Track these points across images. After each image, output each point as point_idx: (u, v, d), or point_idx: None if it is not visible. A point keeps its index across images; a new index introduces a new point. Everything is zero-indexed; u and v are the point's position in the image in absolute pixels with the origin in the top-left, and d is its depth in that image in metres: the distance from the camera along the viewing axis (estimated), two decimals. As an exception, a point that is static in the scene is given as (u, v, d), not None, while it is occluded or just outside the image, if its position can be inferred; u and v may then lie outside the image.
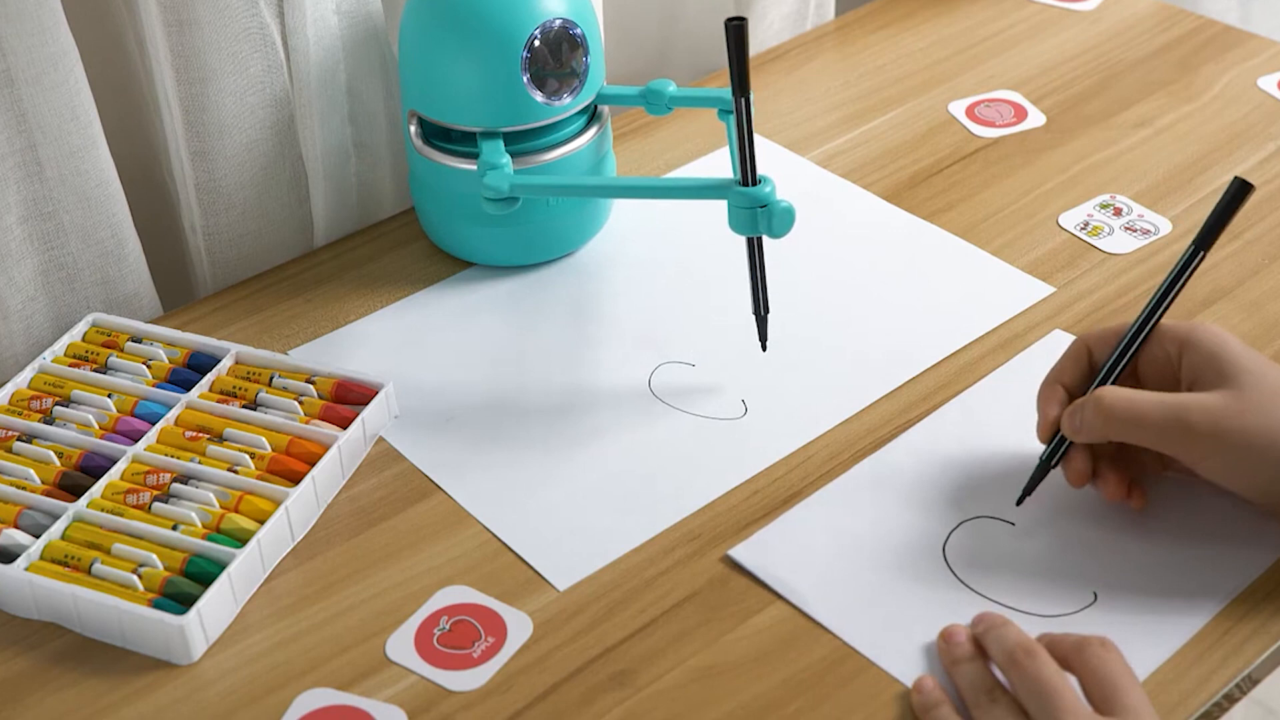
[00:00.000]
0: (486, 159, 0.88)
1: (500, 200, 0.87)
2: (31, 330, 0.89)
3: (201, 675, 0.70)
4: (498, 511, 0.79)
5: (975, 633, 0.69)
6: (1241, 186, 0.72)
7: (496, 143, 0.89)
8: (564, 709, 0.68)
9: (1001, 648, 0.67)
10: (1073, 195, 1.01)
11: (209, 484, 0.78)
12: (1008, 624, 0.68)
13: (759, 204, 0.81)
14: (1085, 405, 0.73)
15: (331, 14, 0.92)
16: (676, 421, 0.84)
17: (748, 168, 0.81)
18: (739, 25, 0.75)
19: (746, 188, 0.81)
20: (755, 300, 0.84)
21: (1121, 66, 1.15)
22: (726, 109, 0.93)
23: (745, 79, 0.77)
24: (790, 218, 0.81)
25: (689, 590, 0.74)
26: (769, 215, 0.81)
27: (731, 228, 0.83)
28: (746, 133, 0.80)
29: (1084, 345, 0.76)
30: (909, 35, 1.20)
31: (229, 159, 0.93)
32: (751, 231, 0.82)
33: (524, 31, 0.87)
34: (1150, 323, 0.74)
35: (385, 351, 0.90)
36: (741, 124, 0.79)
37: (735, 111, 0.79)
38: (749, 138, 0.80)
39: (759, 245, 0.83)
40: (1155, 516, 0.76)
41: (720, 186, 0.83)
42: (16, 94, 0.82)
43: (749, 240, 0.83)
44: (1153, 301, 0.74)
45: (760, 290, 0.84)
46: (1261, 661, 0.69)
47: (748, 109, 0.79)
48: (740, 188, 0.82)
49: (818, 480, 0.79)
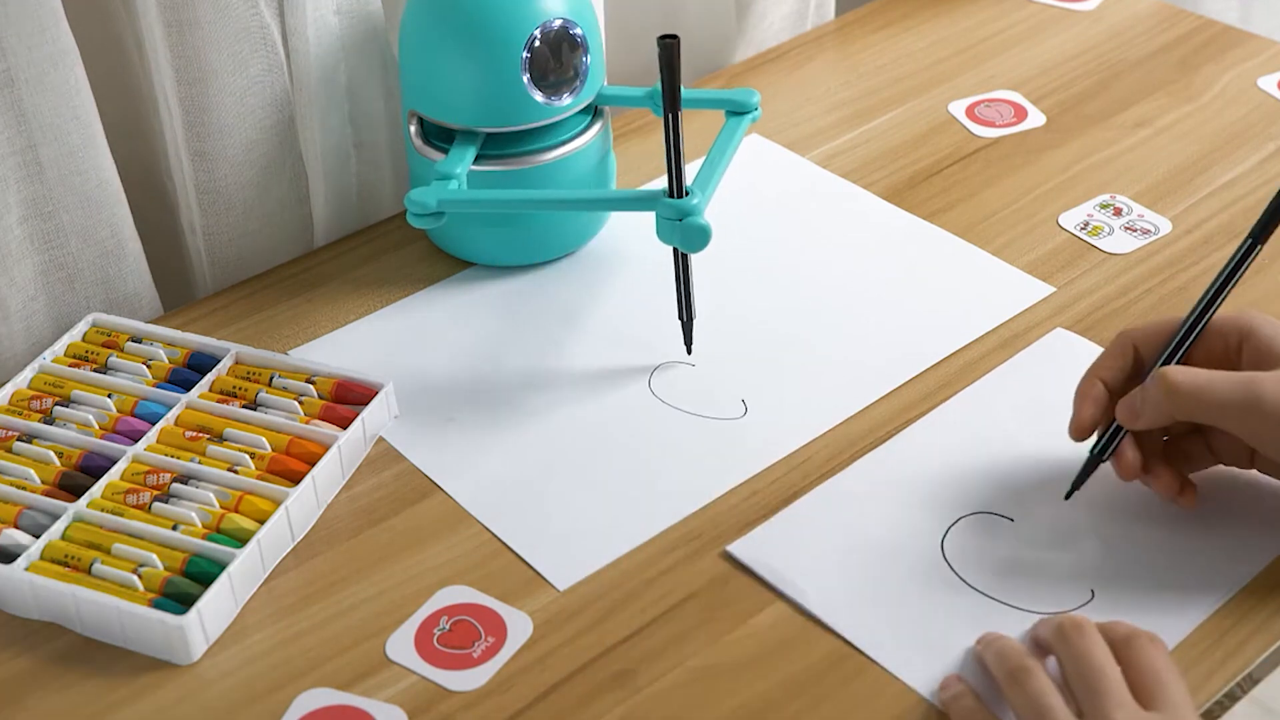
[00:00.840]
0: (443, 167, 0.88)
1: (427, 215, 0.87)
2: (31, 330, 0.89)
3: (201, 675, 0.70)
4: (498, 511, 0.79)
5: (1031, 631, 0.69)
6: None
7: (468, 150, 0.89)
8: (564, 709, 0.68)
9: (1053, 622, 0.67)
10: (1073, 195, 1.01)
11: (209, 484, 0.77)
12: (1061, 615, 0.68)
13: (677, 216, 0.83)
14: (1148, 385, 0.71)
15: (331, 14, 0.92)
16: (676, 421, 0.84)
17: (675, 179, 0.83)
18: (670, 44, 0.78)
19: (672, 199, 0.83)
20: (680, 306, 0.86)
21: (1121, 66, 1.15)
22: (734, 110, 0.93)
23: (675, 96, 0.80)
24: (703, 236, 0.83)
25: (689, 590, 0.74)
26: (683, 229, 0.83)
27: (658, 236, 0.84)
28: (675, 146, 0.82)
29: (1129, 341, 0.74)
30: (909, 35, 1.20)
31: (229, 159, 0.93)
32: (670, 242, 0.84)
33: (524, 31, 0.87)
34: (1209, 313, 0.73)
35: (385, 351, 0.90)
36: (669, 138, 0.82)
37: (664, 126, 0.81)
38: (678, 151, 0.82)
39: (684, 255, 0.85)
40: (1154, 514, 0.76)
41: (649, 198, 0.85)
42: (16, 94, 0.82)
43: (674, 249, 0.85)
44: (1210, 292, 0.73)
45: (685, 296, 0.86)
46: (1261, 661, 0.69)
47: (676, 124, 0.81)
48: (667, 199, 0.83)
49: (818, 480, 0.80)
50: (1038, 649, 0.68)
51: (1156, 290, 0.92)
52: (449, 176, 0.88)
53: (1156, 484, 0.74)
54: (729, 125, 0.92)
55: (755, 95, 0.94)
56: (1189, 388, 0.70)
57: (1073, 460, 0.78)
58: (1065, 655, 0.65)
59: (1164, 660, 0.64)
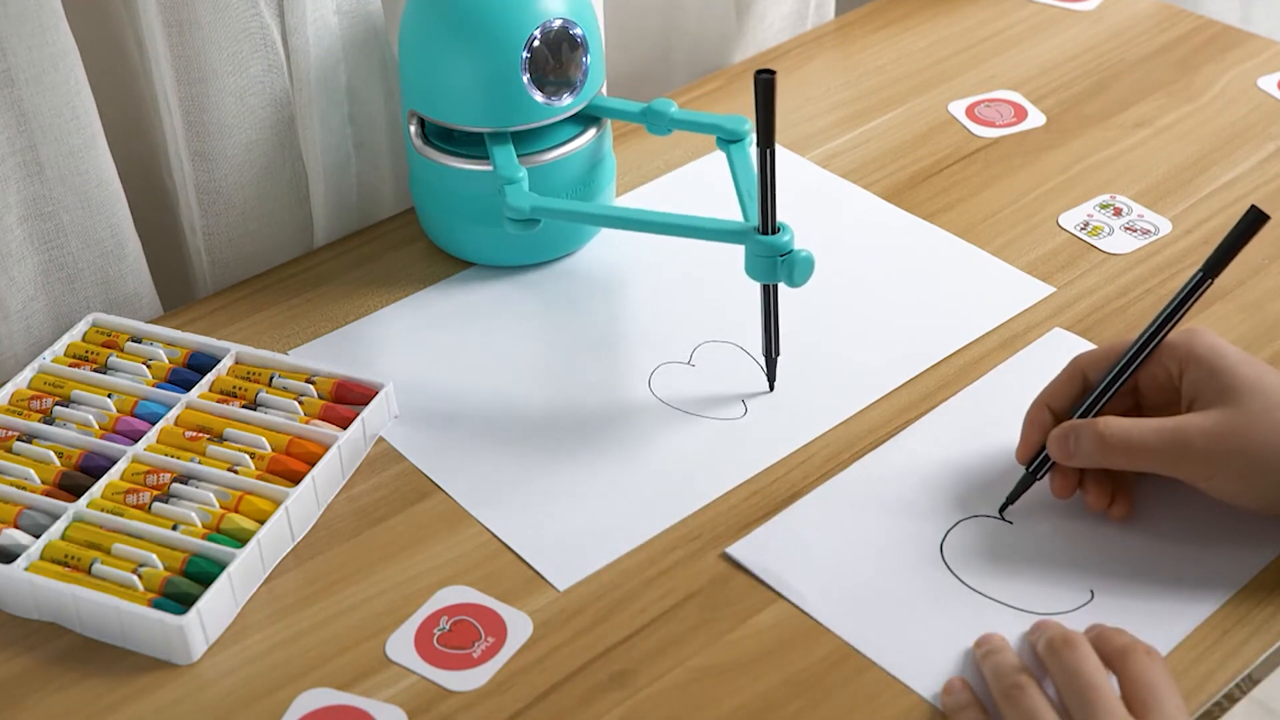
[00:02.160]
0: (502, 172, 0.87)
1: (522, 221, 0.87)
2: (31, 330, 0.89)
3: (201, 675, 0.70)
4: (498, 511, 0.79)
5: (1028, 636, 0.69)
6: (1256, 217, 0.71)
7: (508, 151, 0.89)
8: (564, 709, 0.68)
9: (1044, 637, 0.67)
10: (1073, 195, 1.01)
11: (209, 484, 0.78)
12: (1054, 624, 0.68)
13: (779, 253, 0.81)
14: (1080, 434, 0.73)
15: (331, 14, 0.92)
16: (676, 421, 0.84)
17: (768, 216, 0.81)
18: (768, 80, 0.76)
19: (766, 236, 0.81)
20: (767, 343, 0.84)
21: (1121, 66, 1.15)
22: (726, 137, 0.92)
23: (771, 132, 0.78)
24: (810, 267, 0.81)
25: (689, 590, 0.74)
26: (790, 264, 0.81)
27: (749, 274, 0.83)
28: (770, 182, 0.80)
29: (1079, 369, 0.76)
30: (909, 35, 1.20)
31: (229, 159, 0.93)
32: (770, 279, 0.82)
33: (524, 32, 0.87)
34: (1150, 346, 0.74)
35: (385, 351, 0.90)
36: (765, 174, 0.79)
37: (760, 162, 0.79)
38: (772, 187, 0.80)
39: (774, 291, 0.83)
40: (1153, 514, 0.76)
41: (739, 231, 0.83)
42: (16, 94, 0.82)
43: (764, 286, 0.83)
44: (1154, 325, 0.74)
45: (773, 334, 0.84)
46: (1261, 661, 0.69)
47: (772, 160, 0.79)
48: (760, 235, 0.81)
49: (818, 480, 0.80)
50: (1035, 660, 0.68)
51: (1156, 290, 0.92)
52: (512, 180, 0.87)
53: (1087, 498, 0.76)
54: (738, 154, 0.91)
55: (746, 122, 0.93)
56: (1118, 441, 0.72)
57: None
58: (1057, 670, 0.65)
59: (1159, 673, 0.64)
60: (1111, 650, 0.66)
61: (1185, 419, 0.71)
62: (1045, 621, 0.69)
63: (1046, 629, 0.68)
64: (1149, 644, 0.66)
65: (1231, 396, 0.70)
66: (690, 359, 0.88)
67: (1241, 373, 0.71)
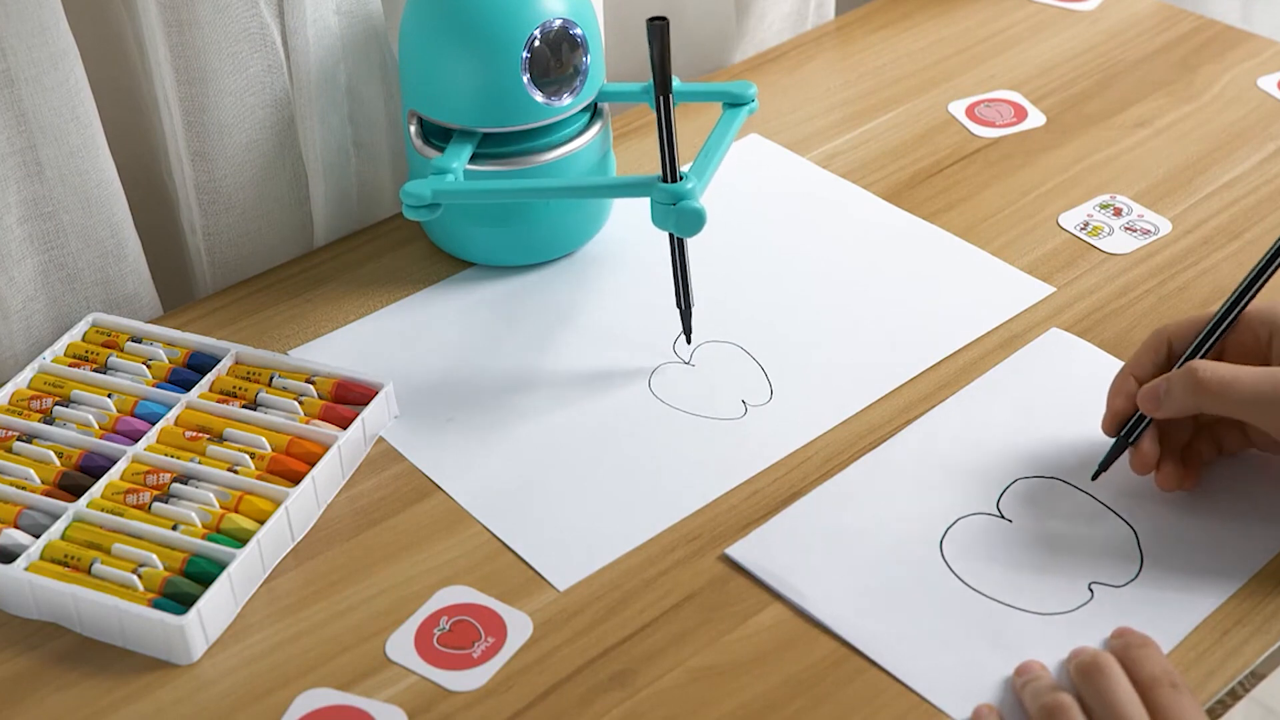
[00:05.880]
0: (440, 162, 0.88)
1: (422, 207, 0.87)
2: (31, 330, 0.89)
3: (201, 675, 0.71)
4: (498, 511, 0.79)
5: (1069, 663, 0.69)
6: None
7: (465, 147, 0.89)
8: (564, 709, 0.68)
9: (1075, 661, 0.67)
10: (1073, 195, 1.01)
11: (209, 484, 0.78)
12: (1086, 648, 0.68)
13: (671, 200, 0.82)
14: (1174, 377, 0.72)
15: (331, 14, 0.92)
16: (676, 421, 0.84)
17: (667, 164, 0.83)
18: (661, 26, 0.79)
19: (666, 184, 0.83)
20: (677, 294, 0.86)
21: (1121, 66, 1.15)
22: (731, 102, 0.93)
23: (667, 77, 0.80)
24: (698, 220, 0.83)
25: (689, 590, 0.74)
26: (678, 214, 0.83)
27: (653, 222, 0.84)
28: (667, 130, 0.82)
29: (1164, 337, 0.76)
30: (909, 35, 1.20)
31: (229, 159, 0.93)
32: (665, 227, 0.84)
33: (524, 31, 0.87)
34: (1239, 306, 0.74)
35: (385, 351, 0.90)
36: (662, 121, 0.82)
37: (655, 109, 0.82)
38: (670, 134, 0.82)
39: (680, 241, 0.85)
40: (1152, 514, 0.76)
41: (644, 184, 0.84)
42: (16, 94, 0.82)
43: (670, 235, 0.84)
44: (1242, 286, 0.75)
45: (683, 284, 0.86)
46: (1262, 661, 0.69)
47: (668, 107, 0.81)
48: (661, 184, 0.83)
49: (818, 480, 0.80)
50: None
51: (1156, 291, 0.92)
52: (445, 171, 0.88)
53: (1159, 477, 0.76)
54: (726, 116, 0.92)
55: (752, 87, 0.94)
56: (1215, 382, 0.71)
57: (1072, 462, 0.78)
58: (1089, 694, 0.65)
59: (1188, 706, 0.64)
60: (1139, 679, 0.66)
61: None
62: (1079, 648, 0.69)
63: (1078, 654, 0.68)
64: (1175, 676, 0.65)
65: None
66: (690, 359, 0.88)
67: None
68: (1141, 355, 0.77)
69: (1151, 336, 0.77)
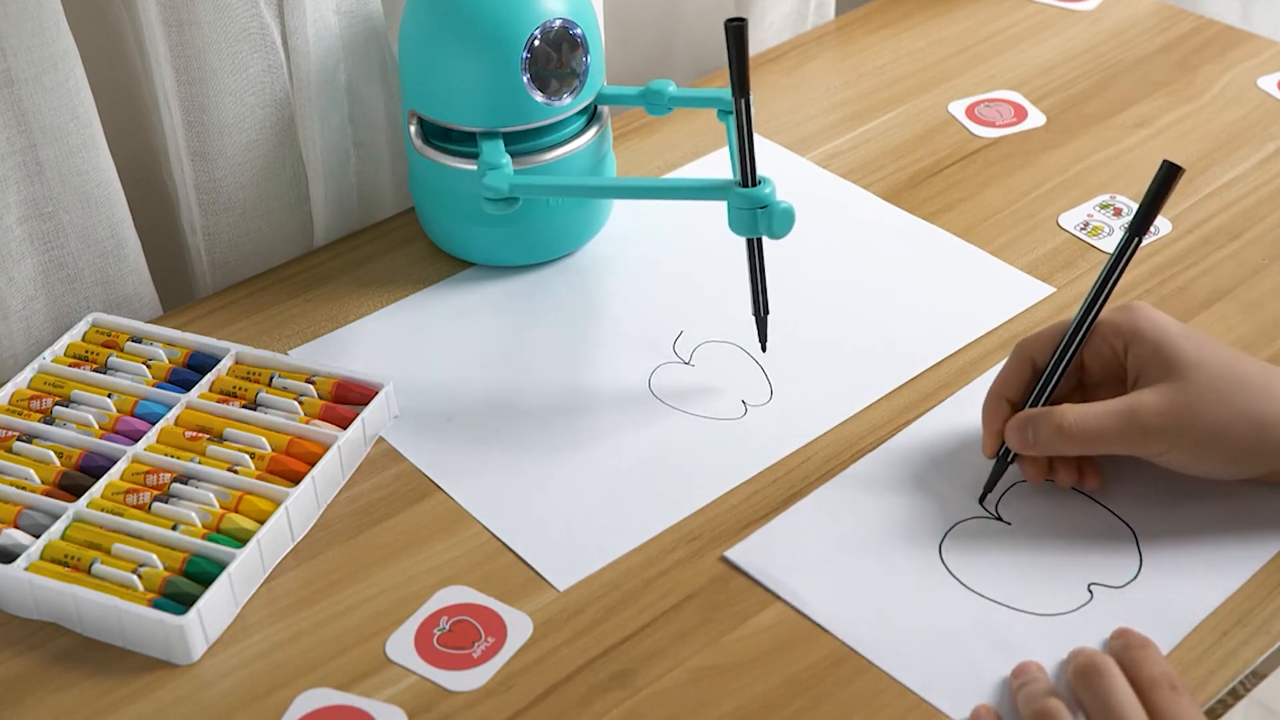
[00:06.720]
0: (486, 159, 0.88)
1: (500, 200, 0.87)
2: (31, 330, 0.89)
3: (201, 675, 0.71)
4: (498, 511, 0.79)
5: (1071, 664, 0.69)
6: (1170, 170, 0.73)
7: (496, 143, 0.89)
8: (564, 709, 0.68)
9: (1074, 663, 0.67)
10: (1073, 195, 1.01)
11: (209, 484, 0.78)
12: (1085, 650, 0.68)
13: (759, 205, 0.81)
14: (1038, 425, 0.74)
15: (331, 14, 0.92)
16: (676, 421, 0.84)
17: (748, 168, 0.81)
18: (739, 26, 0.76)
19: (746, 188, 0.81)
20: (755, 301, 0.84)
21: (1121, 66, 1.15)
22: (726, 109, 0.93)
23: (745, 80, 0.78)
24: (790, 218, 0.82)
25: (689, 590, 0.74)
26: (769, 216, 0.81)
27: (731, 229, 0.83)
28: (746, 133, 0.80)
29: (1026, 355, 0.77)
30: (909, 35, 1.20)
31: (229, 159, 0.93)
32: (751, 232, 0.82)
33: (524, 31, 0.87)
34: (1090, 317, 0.75)
35: (385, 351, 0.90)
36: (742, 125, 0.80)
37: (735, 112, 0.79)
38: (749, 138, 0.80)
39: (759, 246, 0.83)
40: (1151, 514, 0.76)
41: (720, 187, 0.83)
42: (16, 94, 0.82)
43: (749, 241, 0.83)
44: (1091, 295, 0.75)
45: (760, 291, 0.84)
46: (1262, 661, 0.69)
47: (748, 110, 0.79)
48: (740, 189, 0.82)
49: (817, 480, 0.80)
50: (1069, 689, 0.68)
51: (1156, 291, 0.92)
52: (496, 166, 0.88)
53: (1057, 478, 0.77)
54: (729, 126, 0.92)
55: None
56: (1078, 430, 0.73)
57: (1072, 460, 0.78)
58: (1087, 696, 0.65)
59: (1187, 708, 0.64)
60: (1139, 680, 0.66)
61: (1136, 399, 0.73)
62: (1078, 649, 0.69)
63: (1077, 655, 0.68)
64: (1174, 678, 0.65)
65: (1176, 370, 0.72)
66: (690, 359, 0.88)
67: (1183, 347, 0.73)
68: (1007, 375, 0.77)
69: (1013, 354, 0.77)
